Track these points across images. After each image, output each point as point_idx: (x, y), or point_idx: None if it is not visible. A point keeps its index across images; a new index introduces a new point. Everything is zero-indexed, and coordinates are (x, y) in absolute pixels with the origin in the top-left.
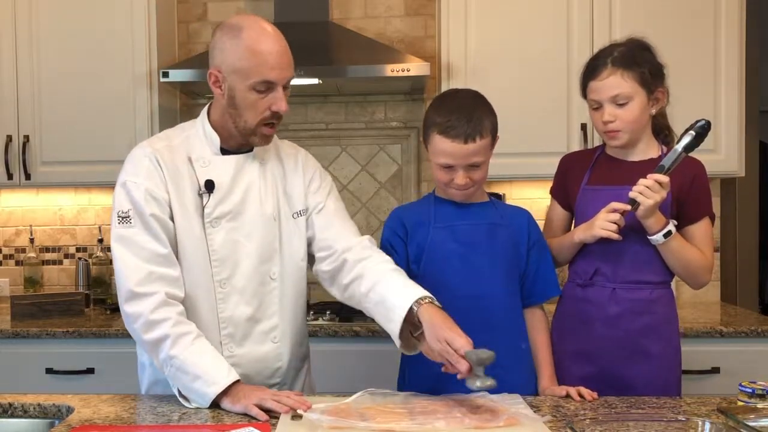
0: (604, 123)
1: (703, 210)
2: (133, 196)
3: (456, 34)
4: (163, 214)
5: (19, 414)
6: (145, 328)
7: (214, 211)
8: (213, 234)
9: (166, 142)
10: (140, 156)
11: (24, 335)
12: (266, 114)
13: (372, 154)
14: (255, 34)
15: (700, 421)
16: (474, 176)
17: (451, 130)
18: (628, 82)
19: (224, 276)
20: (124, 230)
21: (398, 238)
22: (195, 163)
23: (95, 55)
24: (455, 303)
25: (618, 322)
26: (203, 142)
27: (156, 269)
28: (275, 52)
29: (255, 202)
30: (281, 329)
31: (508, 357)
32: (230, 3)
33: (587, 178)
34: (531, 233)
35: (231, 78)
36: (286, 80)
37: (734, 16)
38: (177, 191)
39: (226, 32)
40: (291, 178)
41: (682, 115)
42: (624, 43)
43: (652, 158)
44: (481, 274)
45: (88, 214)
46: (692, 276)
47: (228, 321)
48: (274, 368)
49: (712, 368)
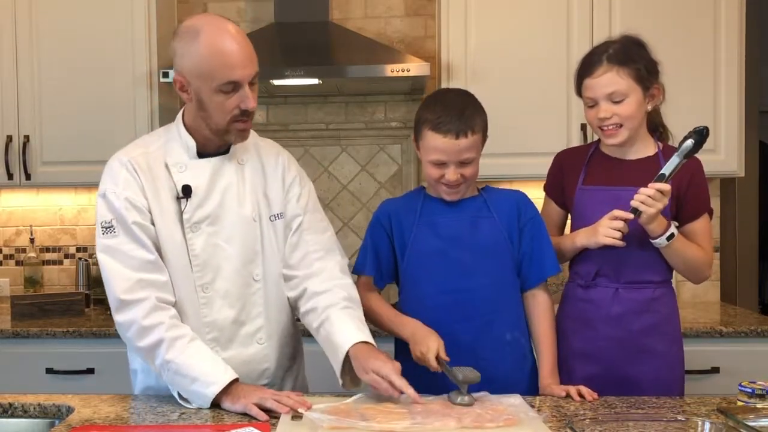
0: (601, 120)
1: (702, 207)
2: (114, 206)
3: (456, 34)
4: (145, 221)
5: (19, 414)
6: (138, 334)
7: (193, 216)
8: (193, 239)
9: (143, 149)
10: (117, 166)
11: (24, 335)
12: (235, 112)
13: (372, 154)
14: (212, 35)
15: (700, 421)
16: (465, 172)
17: (442, 126)
18: (624, 79)
19: (206, 280)
20: (108, 240)
21: (382, 228)
22: (171, 169)
23: (95, 55)
24: (438, 298)
25: (621, 322)
26: (179, 146)
27: (145, 276)
28: (235, 51)
29: (233, 204)
30: (267, 330)
31: (490, 349)
32: (230, 3)
33: (583, 177)
34: (522, 213)
35: (195, 82)
36: (251, 77)
37: (734, 16)
38: (156, 197)
39: (183, 36)
40: (271, 180)
41: (682, 115)
42: (618, 40)
43: (649, 156)
44: (463, 268)
45: (88, 214)
46: (694, 273)
47: (212, 325)
48: (261, 370)
49: (711, 368)
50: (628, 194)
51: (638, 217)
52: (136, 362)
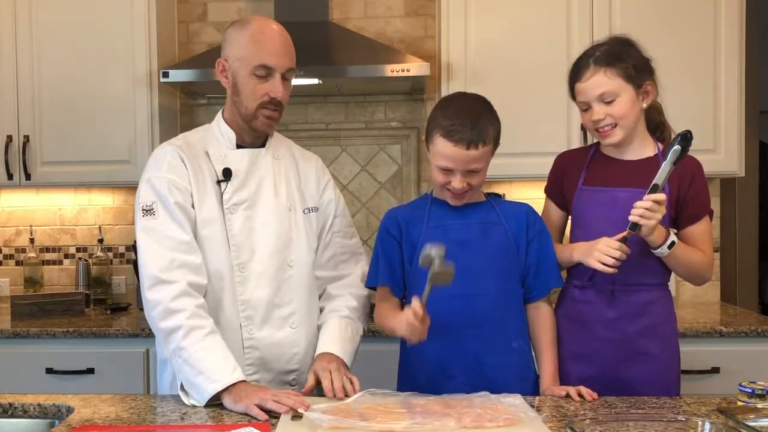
0: (595, 122)
1: (702, 210)
2: (158, 189)
3: (456, 34)
4: (186, 203)
5: (19, 414)
6: (162, 315)
7: (232, 197)
8: (232, 220)
9: (183, 140)
10: (162, 153)
11: (24, 335)
12: (264, 99)
13: (372, 154)
14: (260, 25)
15: (700, 421)
16: (472, 181)
17: (454, 134)
18: (612, 79)
19: (243, 260)
20: (148, 221)
21: (391, 237)
22: (212, 156)
23: (95, 55)
24: (446, 302)
25: (616, 324)
26: (219, 139)
27: (178, 256)
28: (275, 39)
29: (270, 193)
30: (299, 315)
31: (496, 355)
32: (230, 3)
33: (583, 178)
34: (530, 226)
35: (234, 65)
36: (285, 68)
37: (734, 16)
38: (198, 182)
39: (235, 26)
40: (305, 177)
41: (683, 115)
42: (606, 41)
43: (649, 157)
44: (472, 273)
45: (88, 214)
46: (696, 276)
47: (246, 304)
48: (291, 354)
49: (712, 368)
50: (627, 195)
51: (638, 232)
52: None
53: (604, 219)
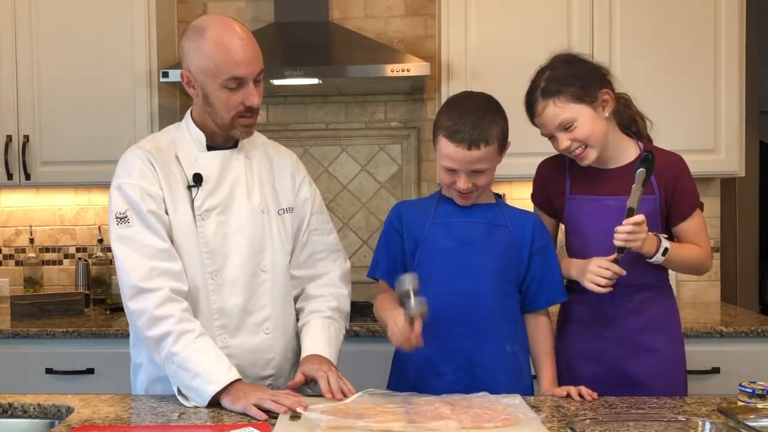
0: (564, 150)
1: (692, 204)
2: (130, 196)
3: (456, 34)
4: (160, 210)
5: (19, 414)
6: (149, 324)
7: (204, 203)
8: (204, 226)
9: (153, 144)
10: (131, 158)
11: (24, 335)
12: (240, 108)
13: (372, 154)
14: (218, 32)
15: (700, 421)
16: (477, 182)
17: (456, 135)
18: (564, 106)
19: (216, 267)
20: (123, 230)
21: (394, 229)
22: (182, 160)
23: (95, 55)
24: (445, 298)
25: (618, 322)
26: (189, 141)
27: (158, 264)
28: (240, 47)
29: (242, 195)
30: (273, 321)
31: (490, 357)
32: (230, 3)
33: (569, 186)
34: (536, 238)
35: (201, 78)
36: (256, 74)
37: (734, 16)
38: (169, 187)
39: (191, 34)
40: (279, 176)
41: (683, 115)
42: (549, 65)
43: (631, 162)
44: (473, 271)
45: (88, 214)
46: (695, 270)
47: (220, 312)
48: (266, 359)
49: (712, 368)
50: (618, 203)
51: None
52: (142, 355)
53: (598, 228)
